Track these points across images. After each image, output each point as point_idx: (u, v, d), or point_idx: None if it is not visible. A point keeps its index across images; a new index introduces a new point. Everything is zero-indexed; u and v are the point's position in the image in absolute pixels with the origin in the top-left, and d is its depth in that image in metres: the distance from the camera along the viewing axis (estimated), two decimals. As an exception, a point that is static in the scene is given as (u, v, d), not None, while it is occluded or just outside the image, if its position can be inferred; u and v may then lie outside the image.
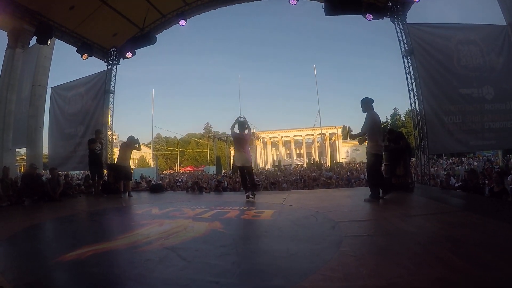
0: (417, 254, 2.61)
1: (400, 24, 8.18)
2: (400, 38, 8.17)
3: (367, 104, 5.92)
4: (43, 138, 12.11)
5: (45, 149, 12.74)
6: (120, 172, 8.52)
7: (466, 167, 17.65)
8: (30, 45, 12.06)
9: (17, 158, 19.43)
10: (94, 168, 8.73)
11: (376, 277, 2.15)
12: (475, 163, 21.40)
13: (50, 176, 8.65)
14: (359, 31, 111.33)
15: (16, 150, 13.65)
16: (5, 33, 12.25)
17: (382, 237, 3.23)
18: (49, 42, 9.30)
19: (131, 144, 8.62)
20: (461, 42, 7.95)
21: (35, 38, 9.28)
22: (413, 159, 9.14)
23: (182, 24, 9.62)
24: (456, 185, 8.47)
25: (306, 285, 2.08)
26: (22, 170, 17.61)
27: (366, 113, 5.89)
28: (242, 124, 6.83)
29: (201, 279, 2.29)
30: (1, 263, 2.79)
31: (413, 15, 8.73)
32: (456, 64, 7.88)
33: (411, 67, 8.08)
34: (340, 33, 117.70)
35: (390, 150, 7.31)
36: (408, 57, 8.12)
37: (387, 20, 8.35)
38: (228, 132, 54.01)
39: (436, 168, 17.41)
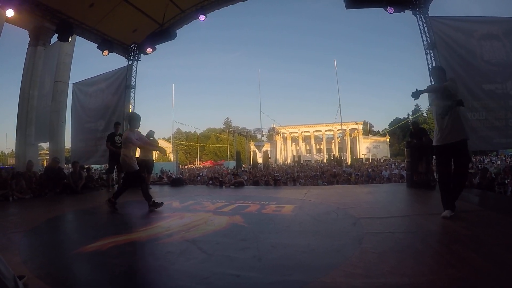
0: (439, 252, 2.58)
1: (422, 17, 7.96)
2: (422, 31, 7.95)
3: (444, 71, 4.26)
4: (65, 132, 12.45)
5: (67, 144, 13.07)
6: (143, 166, 8.69)
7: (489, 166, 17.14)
8: (51, 43, 12.35)
9: (40, 152, 20.07)
10: (113, 162, 8.87)
11: (397, 275, 2.12)
12: (498, 162, 20.78)
13: (72, 170, 8.89)
14: (381, 23, 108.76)
15: (39, 144, 14.05)
16: (27, 32, 12.59)
17: (403, 234, 3.18)
18: (70, 39, 9.52)
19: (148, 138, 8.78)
20: (484, 36, 7.69)
21: (56, 35, 9.49)
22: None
23: (201, 19, 9.63)
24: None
25: (327, 280, 2.08)
26: (45, 164, 18.13)
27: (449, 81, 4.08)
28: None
29: (222, 272, 2.31)
30: (24, 253, 2.86)
31: (435, 8, 8.49)
32: (479, 59, 7.64)
33: (433, 61, 7.86)
34: (361, 25, 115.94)
35: (412, 146, 7.19)
36: (431, 51, 7.91)
37: (408, 13, 8.14)
38: (248, 127, 54.09)
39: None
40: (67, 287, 2.17)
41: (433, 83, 4.37)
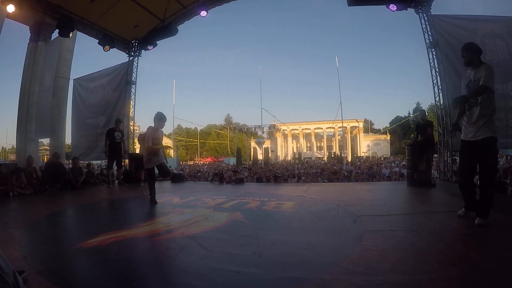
0: (440, 251, 2.56)
1: (424, 15, 7.89)
2: (424, 29, 7.88)
3: (479, 52, 3.67)
4: (66, 128, 12.43)
5: (68, 139, 13.03)
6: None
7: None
8: (52, 38, 12.30)
9: (41, 148, 19.98)
10: (112, 158, 8.89)
11: (398, 273, 2.12)
12: (501, 162, 20.75)
13: (72, 165, 8.90)
14: (383, 20, 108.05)
15: (40, 140, 14.05)
16: (27, 28, 12.54)
17: (404, 232, 3.18)
18: (71, 35, 9.46)
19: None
20: (486, 35, 7.62)
21: (57, 31, 9.45)
22: (436, 155, 8.95)
23: (203, 15, 9.57)
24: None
25: (328, 277, 2.08)
26: (45, 160, 18.12)
27: (482, 65, 3.57)
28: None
29: (222, 268, 2.31)
30: (24, 249, 2.86)
31: (437, 7, 8.43)
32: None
33: (435, 60, 7.82)
34: (362, 22, 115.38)
35: (413, 145, 7.20)
36: (433, 49, 7.85)
37: (411, 11, 8.08)
38: (249, 124, 53.95)
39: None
40: (67, 283, 2.16)
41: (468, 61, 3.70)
